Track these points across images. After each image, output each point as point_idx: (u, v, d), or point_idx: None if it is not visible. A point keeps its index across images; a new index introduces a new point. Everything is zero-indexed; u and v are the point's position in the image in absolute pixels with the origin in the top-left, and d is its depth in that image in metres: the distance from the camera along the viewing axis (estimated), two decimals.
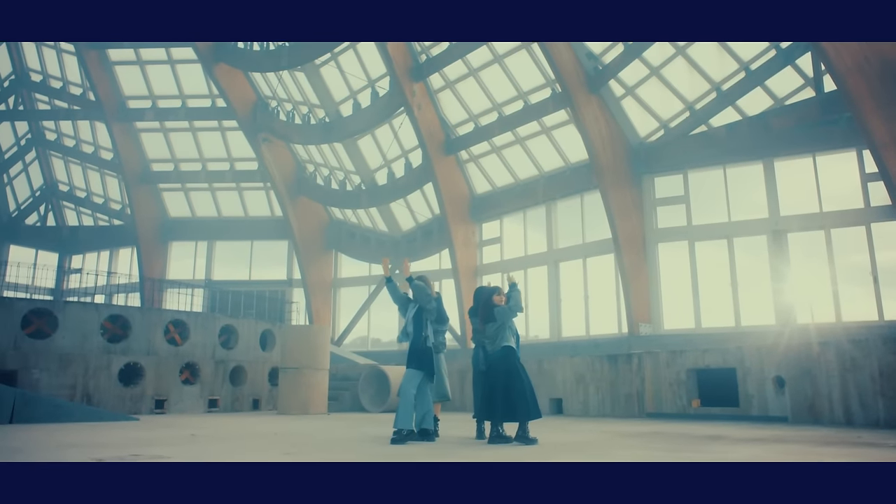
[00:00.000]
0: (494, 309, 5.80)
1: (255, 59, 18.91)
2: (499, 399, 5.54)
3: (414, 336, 6.00)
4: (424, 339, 5.95)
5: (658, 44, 13.63)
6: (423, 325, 5.98)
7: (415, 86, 17.02)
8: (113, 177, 23.58)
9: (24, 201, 25.62)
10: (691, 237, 14.65)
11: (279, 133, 20.31)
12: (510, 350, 5.72)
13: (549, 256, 17.33)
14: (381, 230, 21.83)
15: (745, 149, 13.60)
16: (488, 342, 5.83)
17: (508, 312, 5.73)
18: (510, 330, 5.79)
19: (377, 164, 20.27)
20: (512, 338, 5.78)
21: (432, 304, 6.04)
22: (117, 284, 24.49)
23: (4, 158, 24.56)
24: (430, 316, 6.04)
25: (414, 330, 6.02)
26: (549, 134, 16.45)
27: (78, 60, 20.68)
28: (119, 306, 14.07)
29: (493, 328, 5.80)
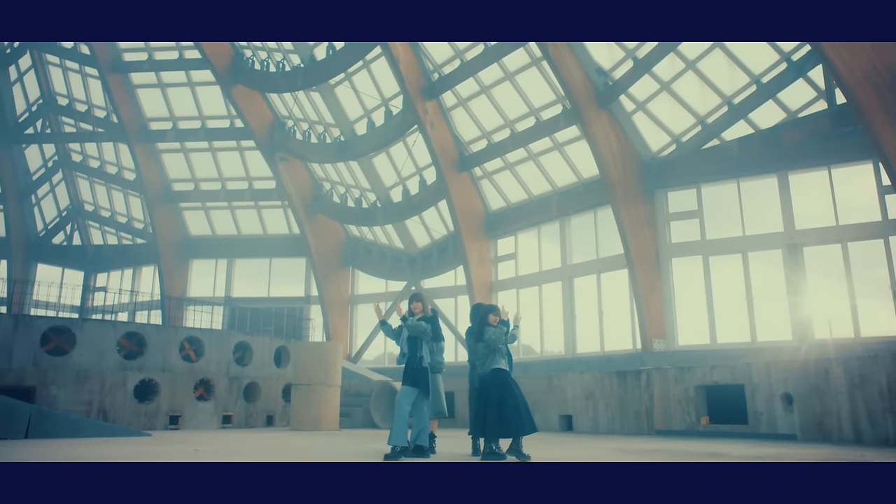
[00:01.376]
0: (486, 332, 5.82)
1: (272, 80, 19.26)
2: (492, 415, 5.55)
3: (409, 356, 6.06)
4: (419, 359, 5.99)
5: (668, 58, 13.63)
6: (417, 346, 6.04)
7: (427, 104, 17.19)
8: (136, 196, 24.08)
9: (51, 221, 26.25)
10: (705, 252, 14.51)
11: (296, 152, 20.61)
12: (501, 371, 5.73)
13: (563, 272, 17.28)
14: (397, 247, 21.95)
15: (759, 162, 13.48)
16: (479, 363, 5.85)
17: (497, 339, 5.72)
18: (500, 352, 5.79)
19: (392, 181, 20.44)
20: (503, 360, 5.79)
21: (428, 335, 6.07)
22: (139, 302, 24.91)
23: (33, 180, 25.22)
24: (425, 336, 6.08)
25: (409, 350, 6.08)
26: (561, 150, 16.48)
27: (102, 84, 21.24)
28: (135, 324, 14.33)
29: (483, 350, 5.81)
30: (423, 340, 6.05)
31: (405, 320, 6.17)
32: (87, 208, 25.91)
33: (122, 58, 21.07)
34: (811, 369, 7.92)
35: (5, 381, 11.27)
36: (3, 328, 11.64)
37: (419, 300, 6.29)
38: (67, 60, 22.24)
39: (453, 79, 16.70)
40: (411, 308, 6.31)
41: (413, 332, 6.05)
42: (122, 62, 21.01)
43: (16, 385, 11.32)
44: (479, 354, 5.88)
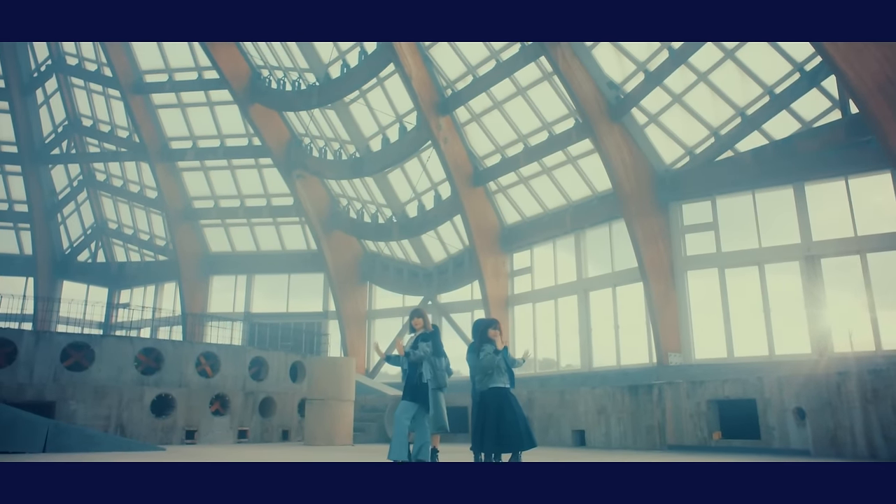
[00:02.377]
0: (480, 354, 5.83)
1: (288, 98, 19.56)
2: (490, 431, 5.55)
3: (409, 372, 6.10)
4: (419, 375, 6.02)
5: (679, 70, 13.60)
6: (417, 363, 6.07)
7: (441, 120, 17.32)
8: (157, 214, 24.51)
9: (77, 239, 26.79)
10: (721, 264, 14.37)
11: (312, 169, 20.86)
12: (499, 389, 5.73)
13: (578, 286, 17.21)
14: (413, 262, 22.04)
15: (774, 173, 13.35)
16: (477, 378, 5.86)
17: (489, 365, 5.72)
18: (499, 370, 5.79)
19: (407, 196, 20.58)
20: (503, 377, 5.79)
21: (429, 359, 6.09)
22: (161, 318, 25.28)
23: (58, 199, 25.81)
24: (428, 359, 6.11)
25: (409, 366, 6.12)
26: (574, 163, 16.48)
27: (124, 105, 21.74)
28: (152, 339, 14.56)
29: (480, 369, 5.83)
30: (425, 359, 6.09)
31: (408, 355, 6.20)
32: (110, 226, 26.42)
33: (144, 79, 21.56)
34: (823, 384, 7.79)
35: (26, 396, 11.51)
36: (24, 344, 11.90)
37: (419, 316, 6.33)
38: (91, 83, 22.81)
39: (466, 94, 16.82)
40: (412, 324, 6.35)
41: (416, 360, 6.09)
42: (144, 83, 21.49)
43: (36, 400, 11.56)
44: (477, 369, 5.90)
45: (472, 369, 6.17)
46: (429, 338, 6.18)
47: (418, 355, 6.07)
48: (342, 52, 18.64)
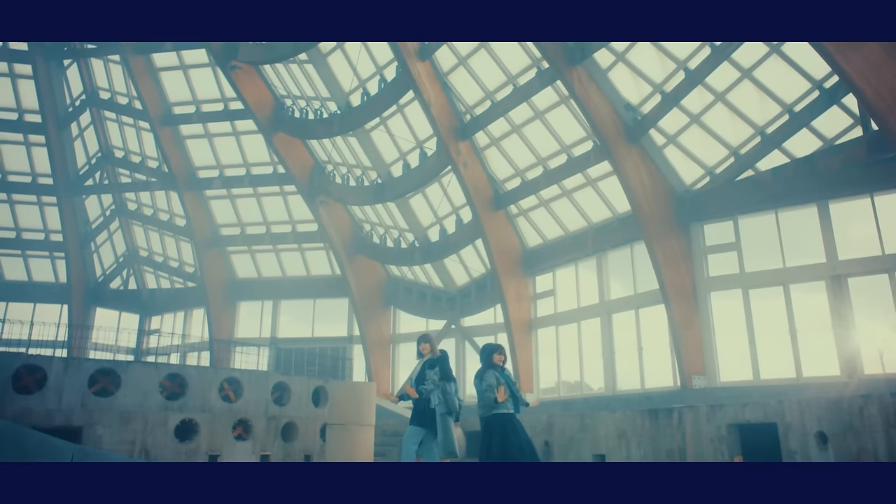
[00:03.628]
0: (482, 383, 5.85)
1: (310, 127, 19.95)
2: (495, 457, 5.54)
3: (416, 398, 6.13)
4: (426, 401, 6.05)
5: (696, 91, 13.57)
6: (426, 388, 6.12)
7: (460, 145, 17.48)
8: (186, 242, 25.03)
9: (109, 267, 27.46)
10: (745, 285, 14.14)
11: (335, 195, 21.16)
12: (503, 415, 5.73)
13: (601, 308, 17.07)
14: (436, 286, 22.11)
15: (796, 192, 13.16)
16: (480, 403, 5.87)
17: (488, 400, 5.72)
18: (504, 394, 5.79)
19: (429, 221, 20.72)
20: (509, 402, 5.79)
21: (438, 391, 6.11)
22: (189, 344, 25.68)
23: (92, 228, 26.54)
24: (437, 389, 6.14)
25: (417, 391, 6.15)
26: (594, 185, 16.46)
27: (153, 136, 22.38)
28: (177, 365, 14.82)
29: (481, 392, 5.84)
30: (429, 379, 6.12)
31: (421, 393, 6.22)
32: (141, 254, 27.05)
33: (172, 111, 22.19)
34: (845, 407, 7.61)
35: (54, 421, 11.77)
36: (54, 371, 12.21)
37: (427, 341, 6.38)
38: (123, 116, 23.54)
39: (484, 119, 16.97)
40: (419, 349, 6.39)
41: (428, 395, 6.12)
42: (172, 115, 22.12)
43: (64, 425, 11.81)
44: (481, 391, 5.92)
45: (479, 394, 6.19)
46: (436, 363, 6.22)
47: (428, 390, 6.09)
48: (362, 81, 18.99)
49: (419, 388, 6.16)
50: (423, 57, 16.77)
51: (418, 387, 6.09)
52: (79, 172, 25.04)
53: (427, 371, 6.18)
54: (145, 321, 27.82)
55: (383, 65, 18.28)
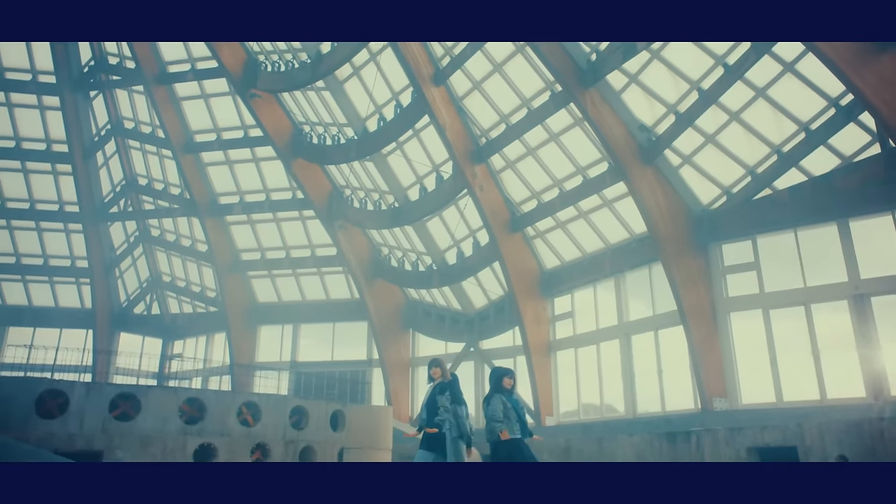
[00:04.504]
0: (487, 410, 5.84)
1: (328, 152, 20.22)
2: None
3: (427, 422, 6.13)
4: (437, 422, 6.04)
5: (710, 111, 13.54)
6: (435, 412, 6.11)
7: (476, 168, 17.58)
8: (207, 267, 25.36)
9: (133, 292, 27.88)
10: (765, 305, 13.94)
11: (353, 220, 21.35)
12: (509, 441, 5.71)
13: (620, 330, 16.92)
14: (455, 308, 22.10)
15: (815, 211, 13.00)
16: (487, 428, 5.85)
17: (493, 431, 5.72)
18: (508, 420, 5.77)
19: (446, 244, 20.79)
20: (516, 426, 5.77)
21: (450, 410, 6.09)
22: (211, 368, 25.90)
23: (116, 254, 27.02)
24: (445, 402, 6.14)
25: (427, 416, 6.15)
26: (610, 206, 16.43)
27: (176, 164, 22.83)
28: (196, 390, 14.94)
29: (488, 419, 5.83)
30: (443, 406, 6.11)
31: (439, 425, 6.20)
32: (164, 279, 27.43)
33: (194, 139, 22.64)
34: (866, 430, 7.45)
35: (76, 445, 11.93)
36: (76, 395, 12.40)
37: (437, 365, 6.39)
38: (146, 144, 24.07)
39: (500, 142, 17.08)
40: (430, 374, 6.40)
41: (441, 424, 6.10)
42: (194, 143, 22.57)
43: (85, 449, 11.97)
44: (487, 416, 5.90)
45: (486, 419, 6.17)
46: (446, 387, 6.21)
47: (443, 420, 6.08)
48: (378, 107, 19.24)
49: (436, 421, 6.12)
50: (438, 82, 16.97)
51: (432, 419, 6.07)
52: (104, 200, 25.57)
53: (438, 396, 6.17)
54: (168, 346, 28.13)
55: (399, 90, 18.53)
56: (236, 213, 23.52)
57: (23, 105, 23.65)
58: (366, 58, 18.64)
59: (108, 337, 27.03)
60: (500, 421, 5.65)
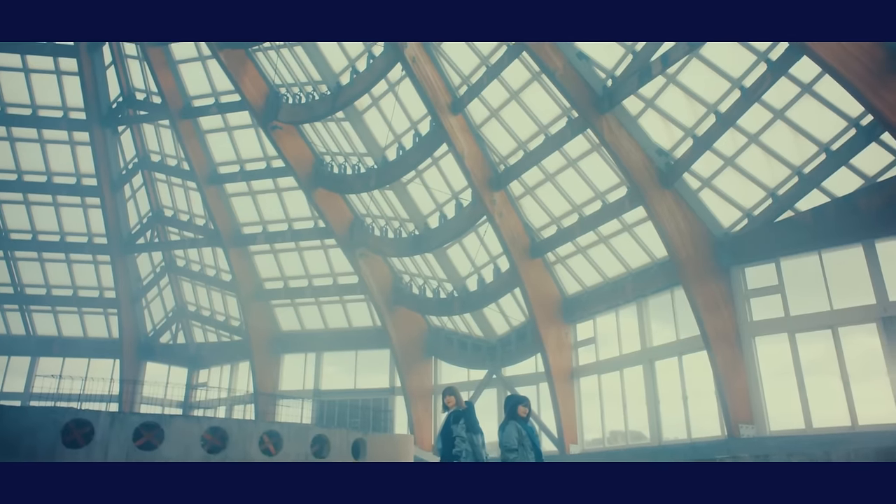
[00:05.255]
0: (501, 438, 5.81)
1: (349, 182, 20.47)
2: None
3: (443, 451, 6.10)
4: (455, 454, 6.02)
5: (728, 133, 13.48)
6: (450, 442, 6.08)
7: (495, 195, 17.65)
8: (231, 296, 25.65)
9: (159, 322, 28.25)
10: (791, 329, 13.68)
11: (374, 248, 21.50)
12: None
13: (643, 355, 16.71)
14: (476, 335, 22.03)
15: (839, 232, 12.80)
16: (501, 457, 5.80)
17: (505, 459, 5.69)
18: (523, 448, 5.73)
19: (467, 271, 20.81)
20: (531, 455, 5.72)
21: (466, 438, 6.08)
22: (235, 397, 26.05)
23: (143, 285, 27.47)
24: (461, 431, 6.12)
25: (443, 446, 6.12)
26: (630, 231, 16.35)
27: (200, 196, 23.27)
28: (218, 419, 15.01)
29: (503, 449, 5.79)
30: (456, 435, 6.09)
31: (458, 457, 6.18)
32: (189, 309, 27.79)
33: (217, 171, 23.09)
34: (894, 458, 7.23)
35: None
36: (101, 425, 12.55)
37: (451, 394, 6.37)
38: (172, 177, 24.61)
39: (518, 169, 17.15)
40: (445, 402, 6.38)
41: (458, 456, 6.08)
42: (217, 175, 23.01)
43: None
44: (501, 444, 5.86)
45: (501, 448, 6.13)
46: (461, 416, 6.19)
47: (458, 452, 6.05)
48: (397, 136, 19.48)
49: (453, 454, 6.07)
50: (456, 111, 17.15)
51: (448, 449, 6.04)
52: (131, 232, 26.10)
53: (452, 425, 6.14)
54: (193, 375, 28.38)
55: (417, 120, 18.75)
56: (259, 243, 23.85)
57: (54, 141, 24.38)
58: (384, 88, 18.94)
59: (134, 366, 27.35)
60: (515, 450, 5.60)
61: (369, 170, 20.10)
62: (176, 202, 25.45)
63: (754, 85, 12.53)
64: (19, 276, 26.91)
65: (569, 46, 14.51)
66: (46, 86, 23.33)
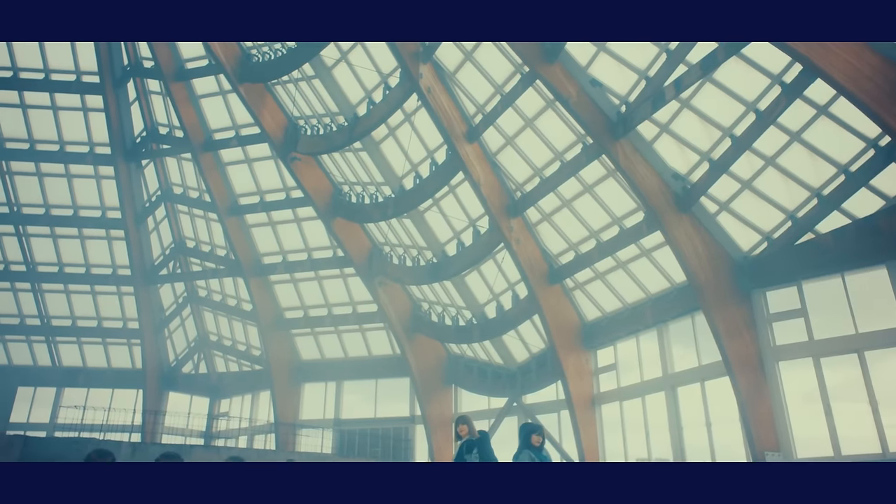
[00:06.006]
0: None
1: (367, 211, 20.65)
2: None
3: None
4: None
5: (745, 157, 13.41)
6: None
7: (512, 221, 17.68)
8: (252, 325, 25.83)
9: (181, 352, 28.51)
10: (815, 353, 13.40)
11: (393, 276, 21.58)
12: None
13: (665, 381, 16.46)
14: (496, 363, 21.91)
15: (861, 254, 12.60)
16: None
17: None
18: None
19: (486, 298, 20.77)
20: None
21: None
22: (256, 426, 26.06)
23: (165, 315, 27.79)
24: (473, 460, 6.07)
25: None
26: (649, 256, 16.25)
27: (221, 227, 23.61)
28: (238, 449, 15.03)
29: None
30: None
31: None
32: (211, 338, 28.02)
33: (238, 202, 23.44)
34: None
35: None
36: (122, 455, 12.62)
37: (465, 423, 6.33)
38: (194, 208, 25.03)
39: (534, 195, 17.18)
40: (458, 431, 6.34)
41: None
42: (238, 206, 23.36)
43: None
44: None
45: None
46: (474, 445, 6.14)
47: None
48: (414, 165, 19.67)
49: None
50: (471, 139, 17.30)
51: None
52: (154, 263, 26.50)
53: (465, 455, 6.10)
54: (215, 405, 28.49)
55: (433, 148, 18.93)
56: (279, 273, 24.06)
57: (80, 175, 24.96)
58: (401, 118, 19.18)
59: (156, 397, 27.55)
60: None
61: (387, 199, 20.27)
62: (198, 233, 25.84)
63: (769, 108, 12.50)
64: (46, 308, 27.39)
65: (582, 73, 14.61)
66: (73, 122, 24.00)
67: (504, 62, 15.97)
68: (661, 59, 13.37)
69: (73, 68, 23.04)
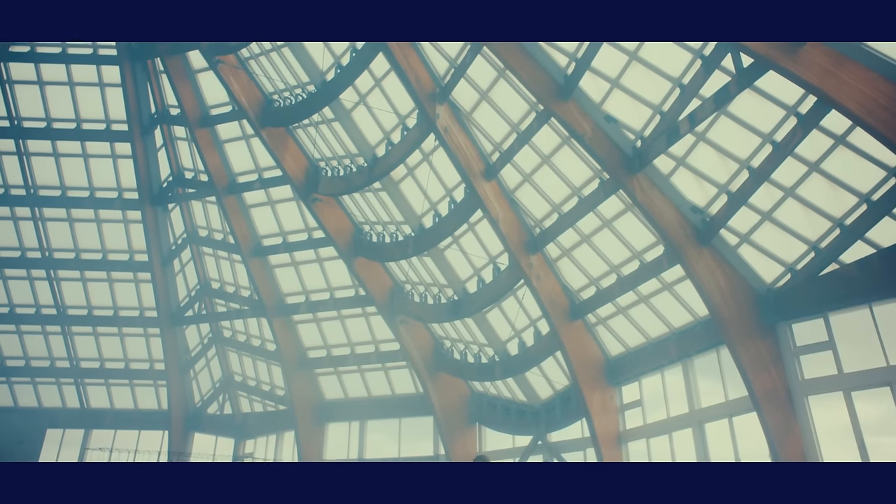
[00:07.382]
0: None
1: (387, 250, 20.81)
2: None
3: None
4: None
5: (763, 188, 13.33)
6: None
7: (531, 258, 17.69)
8: (276, 365, 25.94)
9: (207, 393, 28.66)
10: (845, 387, 13.07)
11: (414, 314, 21.61)
12: None
13: (692, 417, 16.14)
14: (520, 400, 21.67)
15: (889, 284, 12.34)
16: None
17: None
18: None
19: (507, 335, 20.67)
20: None
21: None
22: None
23: (191, 356, 28.06)
24: None
25: None
26: (671, 290, 16.10)
27: (245, 268, 23.93)
28: None
29: None
30: None
31: None
32: (236, 379, 28.15)
33: (261, 244, 23.80)
34: None
35: None
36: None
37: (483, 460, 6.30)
38: (218, 250, 25.45)
39: (553, 231, 17.19)
40: None
41: None
42: (262, 247, 23.70)
43: None
44: None
45: None
46: None
47: None
48: (433, 203, 19.84)
49: None
50: (489, 177, 17.44)
51: None
52: (180, 304, 26.87)
53: None
54: (240, 445, 28.47)
55: (452, 187, 19.11)
56: (302, 313, 24.24)
57: (109, 220, 25.59)
58: (419, 158, 19.44)
59: (182, 438, 27.66)
60: None
61: (407, 238, 20.43)
62: (222, 275, 26.21)
63: (786, 139, 12.46)
64: (75, 351, 27.84)
65: (596, 110, 14.74)
66: (103, 169, 24.72)
67: (519, 101, 16.18)
68: (675, 94, 13.45)
69: (104, 117, 23.82)
